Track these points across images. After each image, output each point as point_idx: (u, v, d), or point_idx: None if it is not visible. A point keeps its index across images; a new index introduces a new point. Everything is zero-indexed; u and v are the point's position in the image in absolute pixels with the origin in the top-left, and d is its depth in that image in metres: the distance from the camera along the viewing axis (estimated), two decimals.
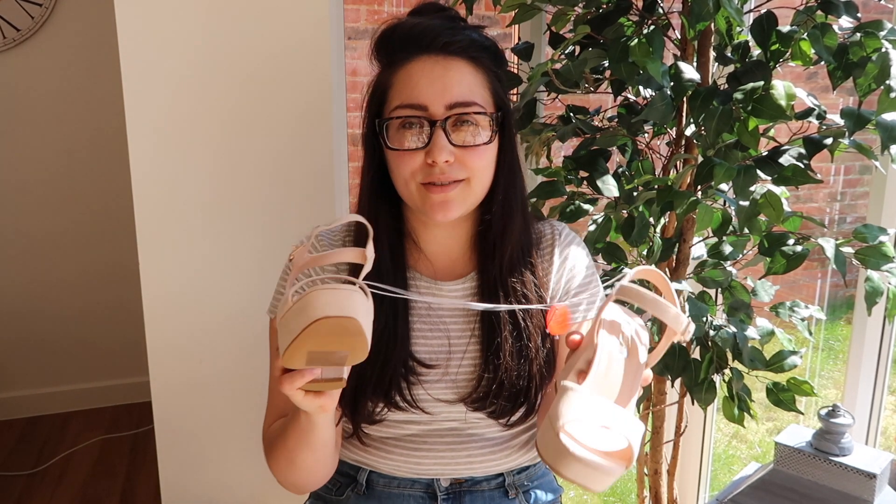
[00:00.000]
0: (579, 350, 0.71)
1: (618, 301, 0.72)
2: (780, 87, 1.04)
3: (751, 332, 1.21)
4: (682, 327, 0.68)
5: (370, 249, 0.70)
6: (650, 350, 0.74)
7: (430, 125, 0.82)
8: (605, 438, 0.63)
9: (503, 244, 0.90)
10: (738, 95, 1.05)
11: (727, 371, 1.24)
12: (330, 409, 0.75)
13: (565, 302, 0.94)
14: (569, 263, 0.95)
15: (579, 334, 0.72)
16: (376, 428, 0.91)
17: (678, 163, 1.24)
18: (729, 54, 1.21)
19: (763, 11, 1.09)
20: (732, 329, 1.20)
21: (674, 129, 1.25)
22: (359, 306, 0.64)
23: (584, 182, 1.27)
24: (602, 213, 1.28)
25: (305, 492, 0.94)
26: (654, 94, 1.11)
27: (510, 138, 0.89)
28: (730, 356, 1.22)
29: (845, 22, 1.08)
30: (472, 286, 0.93)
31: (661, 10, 1.19)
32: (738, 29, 1.18)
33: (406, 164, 0.84)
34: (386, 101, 0.86)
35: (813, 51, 1.06)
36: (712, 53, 1.21)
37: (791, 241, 1.16)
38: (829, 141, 1.08)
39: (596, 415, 0.63)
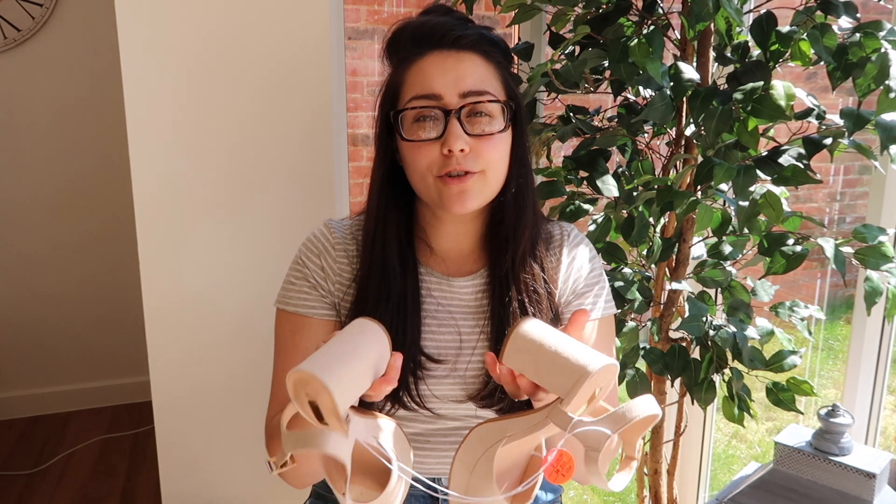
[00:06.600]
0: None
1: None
2: (779, 87, 1.04)
3: (750, 331, 1.21)
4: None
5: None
6: None
7: (444, 115, 0.83)
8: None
9: (515, 238, 0.90)
10: (738, 95, 1.05)
11: (727, 371, 1.24)
12: None
13: (575, 304, 0.94)
14: (576, 264, 0.96)
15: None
16: None
17: (678, 163, 1.25)
18: (729, 54, 1.21)
19: (763, 11, 1.10)
20: (732, 329, 1.20)
21: (674, 129, 1.25)
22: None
23: (584, 182, 1.27)
24: (602, 213, 1.29)
25: (306, 485, 0.94)
26: (653, 94, 1.12)
27: (522, 132, 0.90)
28: (730, 356, 1.22)
29: (845, 22, 1.08)
30: (483, 282, 0.93)
31: (660, 11, 1.20)
32: (738, 29, 1.18)
33: (423, 157, 0.84)
34: (399, 96, 0.87)
35: (812, 51, 1.06)
36: (712, 53, 1.21)
37: (791, 241, 1.16)
38: (828, 141, 1.08)
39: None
